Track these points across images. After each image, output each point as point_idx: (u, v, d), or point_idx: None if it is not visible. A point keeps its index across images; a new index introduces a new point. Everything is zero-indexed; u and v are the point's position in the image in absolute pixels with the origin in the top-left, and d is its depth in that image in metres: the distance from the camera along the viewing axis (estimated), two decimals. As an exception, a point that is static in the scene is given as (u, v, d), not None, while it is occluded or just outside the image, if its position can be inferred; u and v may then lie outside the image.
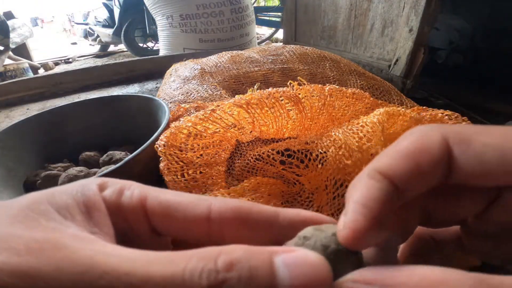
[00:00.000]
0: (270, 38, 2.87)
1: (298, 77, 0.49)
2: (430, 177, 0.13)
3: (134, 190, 0.14)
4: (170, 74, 0.79)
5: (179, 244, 0.16)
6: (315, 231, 0.13)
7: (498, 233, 0.15)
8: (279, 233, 0.14)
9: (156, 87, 1.20)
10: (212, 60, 0.80)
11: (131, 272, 0.09)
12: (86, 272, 0.09)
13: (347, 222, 0.12)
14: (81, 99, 0.63)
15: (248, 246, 0.11)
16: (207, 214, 0.13)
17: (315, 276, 0.10)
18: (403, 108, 0.43)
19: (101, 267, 0.09)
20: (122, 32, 2.51)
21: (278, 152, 0.42)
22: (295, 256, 0.11)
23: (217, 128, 0.42)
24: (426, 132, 0.14)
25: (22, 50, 2.32)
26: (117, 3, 2.50)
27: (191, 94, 0.66)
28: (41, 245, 0.10)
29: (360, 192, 0.13)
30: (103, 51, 3.14)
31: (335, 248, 0.12)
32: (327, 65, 0.78)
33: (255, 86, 0.57)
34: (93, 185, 0.13)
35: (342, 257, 0.12)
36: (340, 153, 0.36)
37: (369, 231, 0.12)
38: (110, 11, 2.75)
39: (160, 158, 0.39)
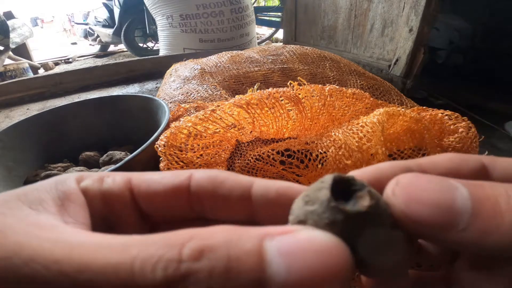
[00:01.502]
0: (270, 38, 2.87)
1: (298, 77, 0.49)
2: None
3: (115, 176, 0.13)
4: (170, 74, 0.79)
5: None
6: (305, 205, 0.10)
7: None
8: (256, 208, 0.12)
9: (156, 87, 1.20)
10: (212, 60, 0.80)
11: (63, 260, 0.08)
12: (10, 258, 0.08)
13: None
14: (81, 99, 0.63)
15: (233, 227, 0.08)
16: (186, 183, 0.13)
17: (325, 267, 0.08)
18: (403, 108, 0.43)
19: (28, 253, 0.08)
20: (122, 32, 2.51)
21: (278, 152, 0.42)
22: (295, 240, 0.08)
23: (217, 128, 0.42)
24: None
25: (22, 50, 2.32)
26: (117, 3, 2.50)
27: (191, 94, 0.66)
28: None
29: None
30: (103, 51, 3.14)
31: (342, 218, 0.09)
32: (327, 65, 0.78)
33: (255, 86, 0.57)
34: (70, 179, 0.13)
35: (363, 223, 0.09)
36: (340, 153, 0.36)
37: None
38: (110, 11, 2.75)
39: (160, 158, 0.39)
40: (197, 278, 0.07)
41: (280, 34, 2.80)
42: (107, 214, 0.13)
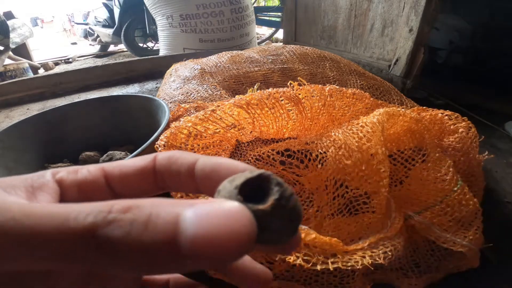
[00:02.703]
0: (270, 38, 2.87)
1: (298, 77, 0.49)
2: None
3: (89, 167, 0.15)
4: (170, 74, 0.79)
5: None
6: (227, 183, 0.12)
7: None
8: (198, 181, 0.14)
9: (156, 87, 1.20)
10: (212, 60, 0.80)
11: (17, 212, 0.09)
12: None
13: None
14: (81, 99, 0.63)
15: (165, 199, 0.10)
16: (152, 164, 0.14)
17: (230, 226, 0.09)
18: (403, 108, 0.43)
19: None
20: (122, 32, 2.51)
21: (278, 153, 0.42)
22: (209, 205, 0.10)
23: (217, 129, 0.42)
24: None
25: (22, 50, 2.32)
26: (117, 3, 2.50)
27: (191, 94, 0.66)
28: None
29: None
30: (103, 51, 3.14)
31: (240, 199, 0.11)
32: (327, 65, 0.78)
33: (255, 86, 0.57)
34: (46, 172, 0.14)
35: (265, 216, 0.11)
36: (340, 153, 0.36)
37: None
38: (110, 11, 2.74)
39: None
40: (119, 225, 0.09)
41: (280, 34, 2.80)
42: (83, 201, 0.14)
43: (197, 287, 0.18)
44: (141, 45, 2.69)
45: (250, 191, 0.12)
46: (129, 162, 0.15)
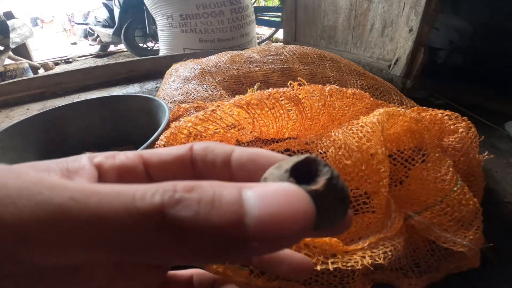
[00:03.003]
0: (270, 38, 2.87)
1: (298, 77, 0.49)
2: None
3: (127, 153, 0.14)
4: (170, 74, 0.79)
5: None
6: (273, 169, 0.12)
7: None
8: (233, 171, 0.14)
9: (156, 87, 1.20)
10: (212, 60, 0.80)
11: (76, 192, 0.09)
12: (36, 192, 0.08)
13: None
14: (81, 99, 0.63)
15: (219, 182, 0.10)
16: (189, 152, 0.14)
17: (291, 206, 0.09)
18: (403, 108, 0.43)
19: (50, 191, 0.08)
20: (122, 32, 2.51)
21: (278, 152, 0.42)
22: (267, 187, 0.10)
23: (217, 129, 0.42)
24: None
25: (22, 50, 2.32)
26: (117, 3, 2.50)
27: (191, 94, 0.66)
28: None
29: None
30: (103, 51, 3.14)
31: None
32: (327, 65, 0.78)
33: (255, 86, 0.57)
34: (82, 157, 0.14)
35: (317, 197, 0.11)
36: (340, 153, 0.36)
37: None
38: (110, 11, 2.74)
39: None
40: (188, 204, 0.09)
41: (280, 34, 2.80)
42: None
43: (224, 284, 0.17)
44: (141, 45, 2.69)
45: (299, 176, 0.12)
46: (167, 150, 0.15)
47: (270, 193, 0.09)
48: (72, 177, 0.12)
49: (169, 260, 0.09)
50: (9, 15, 2.19)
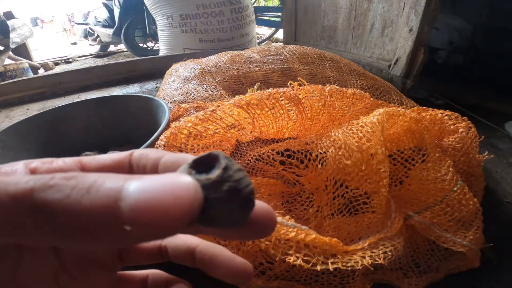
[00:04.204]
0: (270, 38, 2.87)
1: (298, 77, 0.49)
2: None
3: (65, 159, 0.15)
4: (170, 74, 0.79)
5: None
6: (182, 166, 0.12)
7: None
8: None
9: (156, 87, 1.20)
10: (212, 60, 0.80)
11: None
12: None
13: None
14: (81, 99, 0.63)
15: (114, 174, 0.10)
16: (128, 158, 0.15)
17: (173, 193, 0.09)
18: (403, 108, 0.43)
19: None
20: (122, 32, 2.50)
21: (278, 153, 0.42)
22: (155, 177, 0.09)
23: (217, 129, 0.42)
24: None
25: (22, 50, 2.32)
26: (117, 3, 2.50)
27: (191, 94, 0.66)
28: None
29: None
30: (103, 51, 3.14)
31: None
32: (327, 65, 0.78)
33: (255, 86, 0.57)
34: (19, 163, 0.14)
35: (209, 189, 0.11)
36: (340, 153, 0.36)
37: None
38: (110, 11, 2.74)
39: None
40: (59, 188, 0.09)
41: (280, 34, 2.80)
42: None
43: (176, 283, 0.18)
44: (141, 45, 2.69)
45: (203, 171, 0.11)
46: (107, 156, 0.15)
47: (154, 181, 0.09)
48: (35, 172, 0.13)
49: (43, 241, 0.09)
50: (9, 15, 2.19)
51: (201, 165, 0.12)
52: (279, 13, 2.60)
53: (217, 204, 0.11)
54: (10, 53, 2.09)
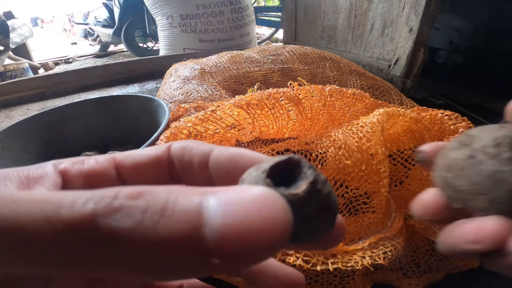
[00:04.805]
0: (270, 38, 2.87)
1: (298, 77, 0.49)
2: None
3: (97, 157, 0.13)
4: (170, 74, 0.79)
5: None
6: (252, 170, 0.10)
7: None
8: (211, 172, 0.12)
9: (156, 87, 1.20)
10: (212, 60, 0.80)
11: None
12: None
13: None
14: (81, 99, 0.63)
15: (180, 186, 0.08)
16: (166, 153, 0.13)
17: (262, 215, 0.07)
18: (403, 108, 0.43)
19: None
20: (122, 32, 2.51)
21: (278, 153, 0.42)
22: (235, 192, 0.08)
23: (217, 129, 0.42)
24: None
25: (22, 50, 2.32)
26: (117, 3, 2.50)
27: (191, 94, 0.66)
28: None
29: None
30: (103, 51, 3.14)
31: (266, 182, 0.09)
32: (327, 65, 0.78)
33: (255, 86, 0.57)
34: (48, 163, 0.13)
35: (296, 204, 0.09)
36: (340, 153, 0.36)
37: None
38: (110, 11, 2.75)
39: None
40: (128, 212, 0.07)
41: (280, 34, 2.80)
42: None
43: None
44: (141, 45, 2.69)
45: (280, 179, 0.10)
46: (142, 151, 0.13)
47: (237, 199, 0.08)
48: (31, 186, 0.11)
49: (110, 275, 0.08)
50: (9, 15, 2.19)
51: (277, 171, 0.10)
52: (279, 13, 2.60)
53: (304, 223, 0.09)
54: (10, 53, 2.09)
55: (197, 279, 0.17)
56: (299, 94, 0.44)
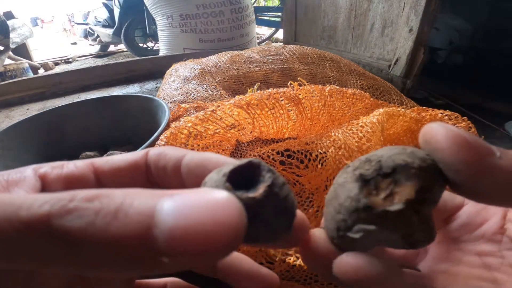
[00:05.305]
0: (270, 38, 2.87)
1: (298, 78, 0.49)
2: None
3: (76, 162, 0.14)
4: (170, 74, 0.79)
5: None
6: (214, 173, 0.11)
7: None
8: (183, 176, 0.13)
9: (156, 87, 1.20)
10: (212, 60, 0.80)
11: None
12: None
13: None
14: (81, 99, 0.63)
15: (139, 189, 0.09)
16: (144, 158, 0.14)
17: (215, 217, 0.08)
18: (403, 108, 0.43)
19: None
20: (122, 32, 2.51)
21: (278, 153, 0.42)
22: (190, 195, 0.08)
23: (217, 129, 0.42)
24: None
25: (22, 50, 2.32)
26: (117, 3, 2.50)
27: (191, 94, 0.66)
28: None
29: None
30: (103, 51, 3.14)
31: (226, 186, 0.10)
32: (327, 65, 0.78)
33: (255, 86, 0.57)
34: (27, 168, 0.13)
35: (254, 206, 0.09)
36: (340, 153, 0.36)
37: None
38: (110, 11, 2.75)
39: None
40: (81, 214, 0.08)
41: (280, 34, 2.80)
42: None
43: None
44: (141, 45, 2.69)
45: (240, 182, 0.10)
46: (121, 157, 0.14)
47: (191, 202, 0.08)
48: (11, 189, 0.12)
49: (62, 270, 0.09)
50: (9, 15, 2.19)
51: (238, 175, 0.10)
52: (279, 13, 2.60)
53: (260, 225, 0.10)
54: (10, 53, 2.09)
55: (180, 278, 0.18)
56: (299, 94, 0.44)
